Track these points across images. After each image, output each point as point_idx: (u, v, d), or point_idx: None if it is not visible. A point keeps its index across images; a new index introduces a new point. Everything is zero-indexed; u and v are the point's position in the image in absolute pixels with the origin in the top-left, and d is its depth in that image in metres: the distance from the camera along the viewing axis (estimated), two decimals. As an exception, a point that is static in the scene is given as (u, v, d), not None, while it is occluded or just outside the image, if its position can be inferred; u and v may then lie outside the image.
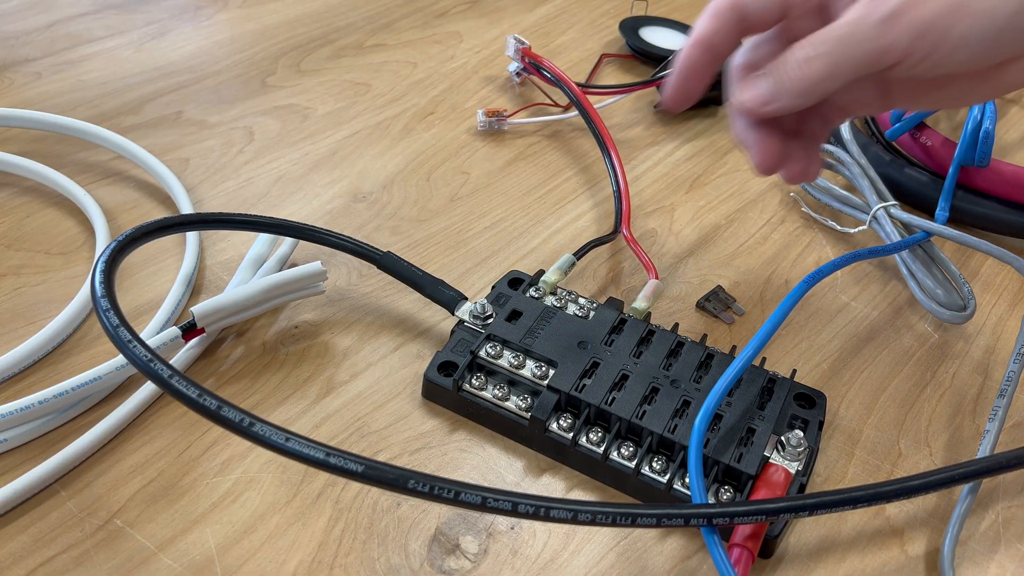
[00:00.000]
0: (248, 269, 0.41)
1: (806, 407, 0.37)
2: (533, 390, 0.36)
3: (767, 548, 0.33)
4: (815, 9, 0.32)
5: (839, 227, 0.48)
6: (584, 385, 0.36)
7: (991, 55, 0.29)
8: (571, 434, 0.35)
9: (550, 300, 0.40)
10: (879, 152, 0.52)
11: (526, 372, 0.36)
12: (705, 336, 0.39)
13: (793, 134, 0.34)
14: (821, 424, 0.36)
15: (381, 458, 0.35)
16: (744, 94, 0.32)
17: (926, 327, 0.43)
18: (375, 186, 0.49)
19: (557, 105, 0.56)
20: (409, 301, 0.42)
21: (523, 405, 0.36)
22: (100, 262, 0.32)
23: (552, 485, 0.35)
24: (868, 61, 0.29)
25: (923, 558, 0.34)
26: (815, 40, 0.30)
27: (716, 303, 0.43)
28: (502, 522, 0.33)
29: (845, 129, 0.51)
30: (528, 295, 0.40)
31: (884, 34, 0.29)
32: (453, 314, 0.39)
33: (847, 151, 0.50)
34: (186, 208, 0.45)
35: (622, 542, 0.33)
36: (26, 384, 0.36)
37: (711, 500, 0.33)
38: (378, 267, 0.41)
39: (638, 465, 0.34)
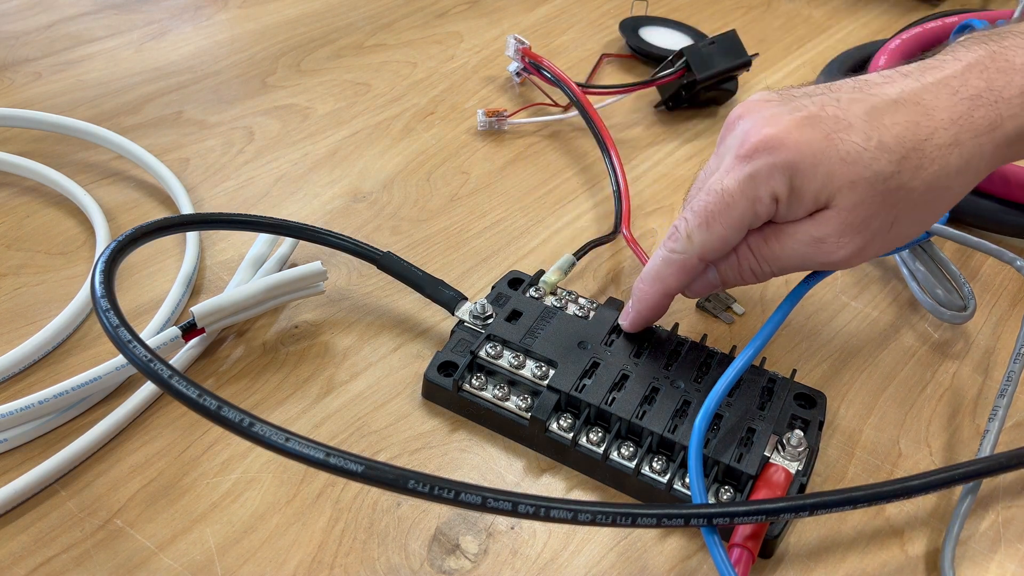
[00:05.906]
0: (248, 269, 0.41)
1: (806, 407, 0.37)
2: (533, 390, 0.36)
3: (767, 548, 0.33)
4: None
5: (839, 227, 0.48)
6: (584, 385, 0.36)
7: None
8: (571, 434, 0.35)
9: (550, 300, 0.40)
10: (879, 152, 0.52)
11: (526, 372, 0.36)
12: (705, 336, 0.39)
13: None
14: (821, 424, 0.36)
15: (381, 458, 0.35)
16: None
17: (926, 327, 0.43)
18: (375, 186, 0.49)
19: (557, 105, 0.56)
20: (409, 301, 0.42)
21: (523, 405, 0.36)
22: (100, 262, 0.32)
23: (552, 485, 0.35)
24: None
25: (923, 558, 0.34)
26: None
27: (716, 303, 0.43)
28: (502, 522, 0.33)
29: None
30: (528, 295, 0.40)
31: None
32: (453, 314, 0.39)
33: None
34: (186, 208, 0.45)
35: (622, 542, 0.33)
36: (26, 384, 0.36)
37: (711, 500, 0.33)
38: (378, 267, 0.41)
39: (638, 465, 0.34)
